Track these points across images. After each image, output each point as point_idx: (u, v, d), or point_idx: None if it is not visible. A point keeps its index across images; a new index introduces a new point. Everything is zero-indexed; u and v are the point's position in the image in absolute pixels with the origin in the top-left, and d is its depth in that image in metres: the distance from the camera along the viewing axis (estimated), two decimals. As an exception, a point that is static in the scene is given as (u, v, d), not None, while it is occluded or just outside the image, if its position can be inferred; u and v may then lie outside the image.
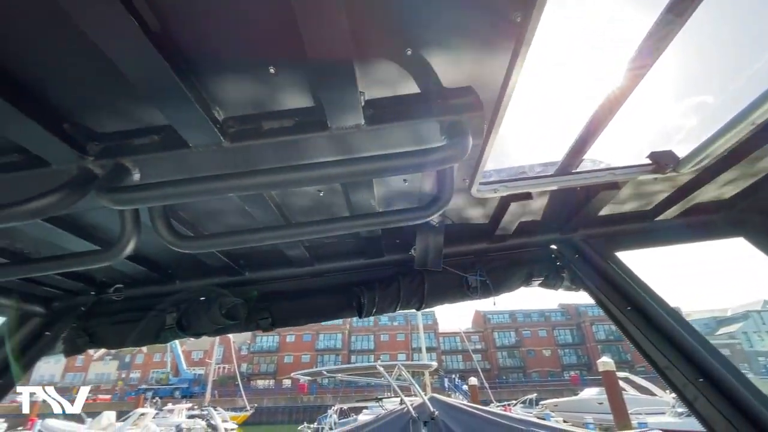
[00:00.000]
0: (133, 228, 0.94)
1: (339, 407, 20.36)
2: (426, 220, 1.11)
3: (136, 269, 1.37)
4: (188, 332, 1.47)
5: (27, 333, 1.45)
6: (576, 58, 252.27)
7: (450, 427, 6.87)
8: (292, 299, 1.55)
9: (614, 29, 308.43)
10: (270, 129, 0.90)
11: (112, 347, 1.55)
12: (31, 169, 0.83)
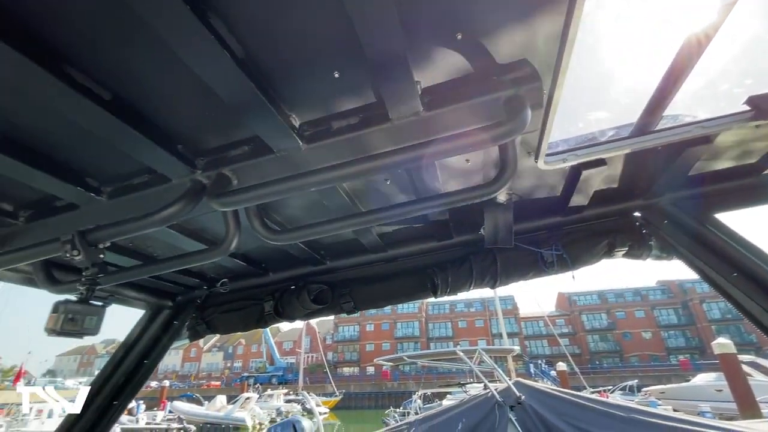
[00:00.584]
0: (235, 227, 1.12)
1: (423, 393, 20.76)
2: (492, 196, 1.12)
3: (237, 264, 1.60)
4: (284, 317, 1.67)
5: (160, 323, 1.77)
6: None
7: (538, 412, 6.63)
8: (370, 283, 1.67)
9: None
10: (339, 128, 0.99)
11: (223, 332, 1.83)
12: (158, 185, 1.03)
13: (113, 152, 0.95)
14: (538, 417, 6.71)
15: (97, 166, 1.00)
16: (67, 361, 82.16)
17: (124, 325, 3.93)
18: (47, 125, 0.85)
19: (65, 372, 71.44)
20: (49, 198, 1.06)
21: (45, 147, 0.90)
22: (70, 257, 0.96)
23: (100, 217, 1.05)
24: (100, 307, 1.10)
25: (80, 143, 0.91)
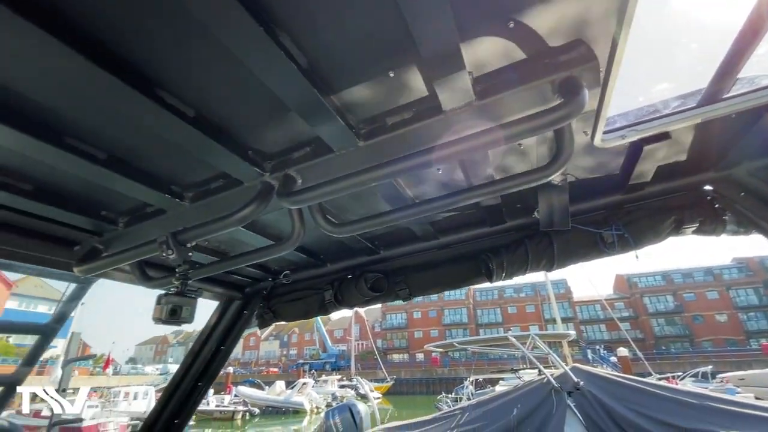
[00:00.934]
0: (299, 222, 1.21)
1: (474, 378, 20.67)
2: (547, 180, 1.11)
3: (297, 257, 1.71)
4: (343, 305, 1.77)
5: (232, 312, 1.94)
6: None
7: (598, 398, 6.38)
8: (424, 270, 1.71)
9: None
10: (393, 123, 1.03)
11: (288, 320, 1.97)
12: (232, 188, 1.14)
13: (193, 161, 1.06)
14: (599, 403, 6.46)
15: (180, 174, 1.12)
16: (144, 349, 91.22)
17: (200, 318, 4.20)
18: (141, 141, 0.97)
19: (144, 359, 79.38)
20: (141, 205, 1.21)
21: (139, 160, 1.03)
22: (165, 256, 1.10)
23: (184, 220, 1.18)
24: (192, 298, 1.25)
25: (166, 155, 1.04)
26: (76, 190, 1.11)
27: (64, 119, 0.86)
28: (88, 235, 1.26)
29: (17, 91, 0.78)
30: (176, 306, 1.20)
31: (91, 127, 0.90)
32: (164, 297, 1.19)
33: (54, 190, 1.09)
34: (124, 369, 45.65)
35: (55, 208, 1.10)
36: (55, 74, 0.74)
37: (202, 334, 1.95)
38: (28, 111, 0.82)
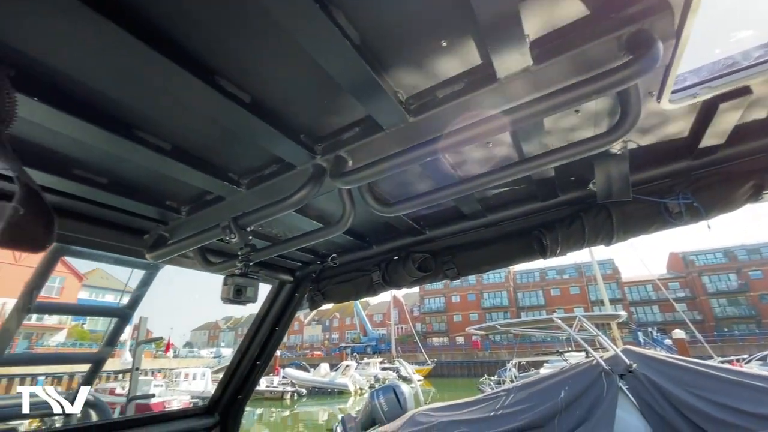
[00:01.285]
0: (350, 204, 1.22)
1: (517, 361, 20.40)
2: (607, 148, 1.04)
3: (345, 239, 1.74)
4: (391, 285, 1.78)
5: (285, 295, 2.02)
6: None
7: (654, 380, 6.10)
8: (473, 249, 1.67)
9: None
10: (444, 96, 0.99)
11: (338, 301, 2.02)
12: (285, 173, 1.17)
13: (248, 148, 1.10)
14: (654, 386, 6.18)
15: (236, 162, 1.16)
16: (199, 335, 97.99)
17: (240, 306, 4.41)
18: (201, 131, 1.01)
19: (198, 344, 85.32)
20: (202, 193, 1.27)
21: (199, 150, 1.08)
22: (228, 239, 1.16)
23: (241, 206, 1.22)
24: (255, 279, 1.31)
25: (224, 143, 1.08)
26: (144, 181, 1.18)
27: (134, 112, 0.91)
28: (155, 224, 1.34)
29: (93, 87, 0.83)
30: (241, 286, 1.27)
31: (158, 119, 0.95)
32: (230, 278, 1.26)
33: (126, 183, 1.17)
34: (182, 352, 49.40)
35: (127, 200, 1.18)
36: (124, 66, 0.77)
37: (257, 317, 2.05)
38: (102, 106, 0.88)
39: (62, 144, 0.97)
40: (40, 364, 4.03)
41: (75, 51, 0.74)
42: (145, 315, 4.99)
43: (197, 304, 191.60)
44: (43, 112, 0.79)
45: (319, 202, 1.41)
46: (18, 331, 1.55)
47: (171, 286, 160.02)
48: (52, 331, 34.96)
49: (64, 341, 33.82)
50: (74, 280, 39.91)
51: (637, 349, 6.96)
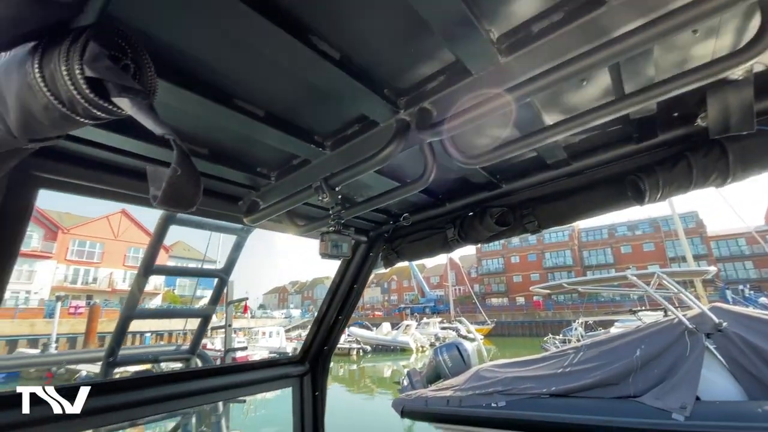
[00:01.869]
0: (431, 159, 1.20)
1: (583, 321, 19.74)
2: (727, 74, 0.89)
3: (418, 197, 1.74)
4: (467, 241, 1.77)
5: (360, 255, 2.11)
6: None
7: (748, 340, 5.61)
8: (555, 200, 1.58)
9: None
10: (541, 30, 0.90)
11: (412, 259, 2.07)
12: (368, 131, 1.17)
13: (333, 108, 1.12)
14: (748, 345, 5.71)
15: (320, 124, 1.20)
16: (270, 298, 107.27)
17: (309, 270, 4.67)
18: (291, 94, 1.04)
19: (270, 306, 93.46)
20: (289, 158, 1.34)
21: (287, 114, 1.12)
22: (320, 199, 1.22)
23: (327, 168, 1.27)
24: (347, 235, 1.38)
25: (310, 105, 1.10)
26: (238, 149, 1.27)
27: (231, 79, 0.96)
28: (248, 190, 1.45)
29: (195, 55, 0.87)
30: (336, 242, 1.35)
31: (252, 84, 0.99)
32: (326, 235, 1.35)
33: (222, 152, 1.26)
34: (257, 314, 54.59)
35: (224, 168, 1.28)
36: (224, 31, 0.78)
37: (336, 276, 2.18)
38: (203, 75, 0.93)
39: (169, 116, 1.05)
40: (167, 317, 4.88)
41: (179, 20, 0.77)
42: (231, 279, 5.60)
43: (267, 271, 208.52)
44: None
45: (397, 160, 1.40)
46: (142, 293, 1.80)
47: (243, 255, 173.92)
48: (151, 296, 40.43)
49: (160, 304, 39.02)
50: (162, 253, 45.41)
51: (727, 306, 6.38)
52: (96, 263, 40.94)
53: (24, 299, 34.04)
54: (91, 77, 0.49)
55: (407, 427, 8.93)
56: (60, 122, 0.54)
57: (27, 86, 0.51)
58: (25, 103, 0.52)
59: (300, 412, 2.11)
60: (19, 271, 35.16)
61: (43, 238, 38.18)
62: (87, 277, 40.08)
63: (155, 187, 0.59)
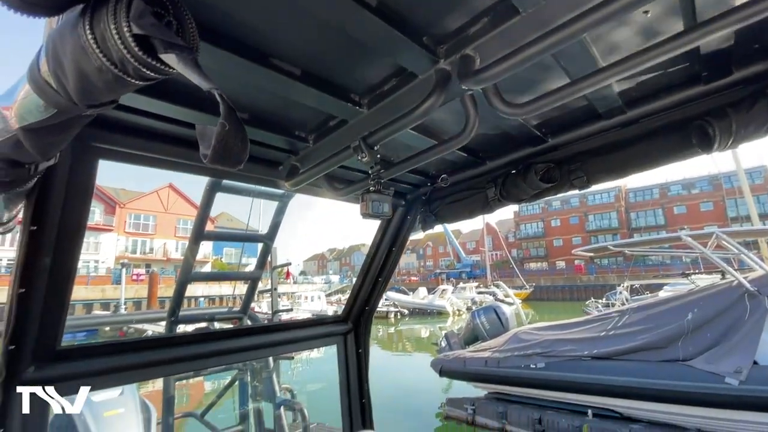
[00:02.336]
0: (474, 111, 1.13)
1: (629, 285, 18.99)
2: None
3: (457, 157, 1.68)
4: (509, 200, 1.69)
5: (398, 218, 2.11)
6: None
7: (822, 304, 5.19)
8: (607, 153, 1.46)
9: None
10: None
11: (451, 221, 2.03)
12: (407, 85, 1.12)
13: (369, 61, 1.07)
14: (821, 309, 5.30)
15: (357, 81, 1.15)
16: (310, 264, 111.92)
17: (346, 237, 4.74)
18: (326, 47, 1.00)
19: (310, 272, 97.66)
20: (326, 119, 1.32)
21: (323, 71, 1.09)
22: (359, 159, 1.21)
23: (364, 127, 1.23)
24: (387, 195, 1.38)
25: (345, 59, 1.06)
26: (276, 112, 1.27)
27: (266, 37, 0.94)
28: (287, 154, 1.46)
29: (231, 14, 0.86)
30: (376, 202, 1.34)
31: (286, 41, 0.96)
32: (366, 195, 1.34)
33: (262, 116, 1.26)
34: (299, 279, 57.38)
35: (264, 132, 1.29)
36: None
37: (374, 240, 2.20)
38: (240, 34, 0.91)
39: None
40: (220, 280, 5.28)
41: None
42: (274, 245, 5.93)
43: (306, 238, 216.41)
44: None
45: (436, 116, 1.33)
46: (195, 258, 1.92)
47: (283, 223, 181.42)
48: (201, 263, 43.50)
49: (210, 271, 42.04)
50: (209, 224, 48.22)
51: (799, 268, 5.90)
52: (151, 234, 44.43)
53: (94, 268, 37.88)
54: (138, 35, 0.49)
55: (446, 386, 9.26)
56: (113, 85, 0.55)
57: (81, 49, 0.51)
58: (81, 67, 0.54)
59: (345, 368, 2.23)
60: (87, 243, 38.95)
61: (104, 213, 41.75)
62: (144, 247, 43.77)
63: (205, 146, 0.60)
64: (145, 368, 1.50)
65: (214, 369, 3.22)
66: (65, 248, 1.16)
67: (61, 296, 1.20)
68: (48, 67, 0.57)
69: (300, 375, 12.91)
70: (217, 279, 2.86)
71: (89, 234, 39.62)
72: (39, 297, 1.15)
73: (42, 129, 0.67)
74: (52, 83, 0.58)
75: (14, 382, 1.19)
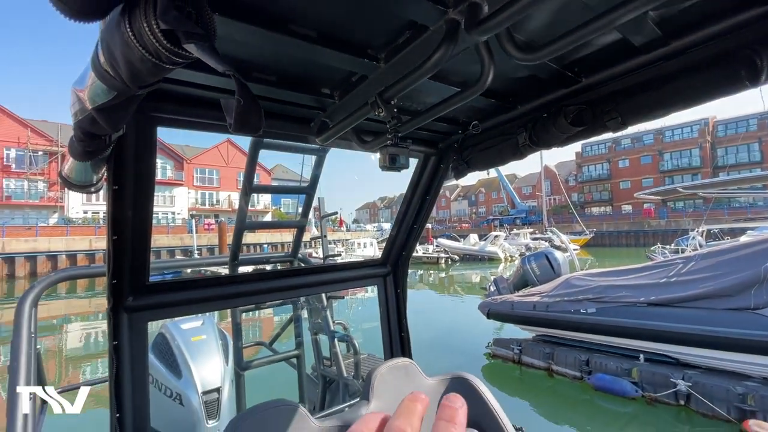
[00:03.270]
0: (489, 58, 1.11)
1: (705, 229, 17.33)
2: None
3: (486, 103, 1.64)
4: (540, 146, 1.64)
5: (430, 167, 2.14)
6: None
7: None
8: (644, 91, 1.34)
9: None
10: None
11: (483, 169, 2.02)
12: (419, 38, 1.12)
13: (380, 19, 1.08)
14: None
15: (372, 36, 1.17)
16: (362, 213, 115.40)
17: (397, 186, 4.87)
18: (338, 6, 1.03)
19: (363, 220, 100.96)
20: (348, 75, 1.36)
21: (339, 31, 1.13)
22: (377, 114, 1.26)
23: (383, 81, 1.26)
24: (404, 148, 1.44)
25: (358, 19, 1.08)
26: (302, 73, 1.33)
27: (281, 4, 0.99)
28: (316, 111, 1.54)
29: None
30: (393, 155, 1.41)
31: (301, 6, 1.01)
32: (384, 149, 1.41)
33: (289, 77, 1.34)
34: (352, 227, 59.82)
35: (293, 92, 1.37)
36: None
37: (408, 188, 2.28)
38: (259, 6, 0.97)
39: (235, 49, 1.14)
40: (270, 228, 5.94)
41: None
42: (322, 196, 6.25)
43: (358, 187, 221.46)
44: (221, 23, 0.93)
45: (456, 64, 1.32)
46: (248, 209, 2.15)
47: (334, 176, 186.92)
48: (262, 213, 46.81)
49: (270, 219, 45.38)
50: (266, 176, 51.02)
51: None
52: (216, 187, 48.31)
53: (171, 219, 42.56)
54: (165, 29, 0.59)
55: (497, 328, 9.56)
56: (154, 70, 0.66)
57: (125, 44, 0.62)
58: (128, 58, 0.65)
59: (386, 306, 2.45)
60: (163, 197, 43.58)
61: (174, 168, 45.79)
62: (211, 199, 47.92)
63: (229, 117, 0.71)
64: (215, 300, 1.81)
65: (271, 303, 3.66)
66: (141, 201, 1.39)
67: (144, 240, 1.47)
68: (105, 58, 0.70)
69: (355, 314, 13.99)
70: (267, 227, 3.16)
71: (164, 188, 44.06)
72: (127, 241, 1.42)
73: (108, 108, 0.82)
74: (110, 71, 0.71)
75: (119, 308, 1.52)
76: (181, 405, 2.83)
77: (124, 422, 1.46)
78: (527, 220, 56.79)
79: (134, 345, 1.53)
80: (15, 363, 1.51)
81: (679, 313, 5.84)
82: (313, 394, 4.20)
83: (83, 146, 1.04)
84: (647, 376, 5.79)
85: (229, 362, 3.11)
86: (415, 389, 0.26)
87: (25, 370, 1.51)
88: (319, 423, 1.47)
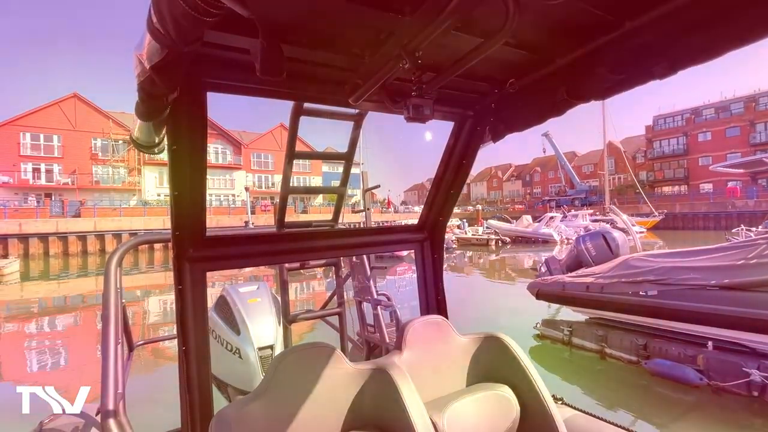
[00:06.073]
0: (514, 5, 1.08)
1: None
2: None
3: (521, 58, 1.58)
4: (580, 100, 1.55)
5: (467, 130, 2.12)
6: None
7: None
8: (694, 30, 1.21)
9: None
10: None
11: (521, 129, 1.95)
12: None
13: None
14: None
15: None
16: (410, 195, 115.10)
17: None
18: None
19: (411, 202, 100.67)
20: (375, 32, 1.39)
21: None
22: (402, 66, 1.29)
23: (405, 35, 1.28)
24: (429, 100, 1.45)
25: None
26: (333, 33, 1.38)
27: None
28: (348, 72, 1.60)
29: None
30: (417, 105, 1.43)
31: None
32: (408, 100, 1.44)
33: (321, 39, 1.40)
34: (400, 209, 60.00)
35: (326, 54, 1.43)
36: None
37: (444, 153, 2.28)
38: None
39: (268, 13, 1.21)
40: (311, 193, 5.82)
41: None
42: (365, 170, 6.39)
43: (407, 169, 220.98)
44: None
45: (481, 15, 1.29)
46: (291, 174, 2.30)
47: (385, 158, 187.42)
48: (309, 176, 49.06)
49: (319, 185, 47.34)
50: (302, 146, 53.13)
51: None
52: (271, 171, 50.72)
53: (232, 200, 45.63)
54: None
55: (548, 311, 9.27)
56: (194, 23, 0.77)
57: (172, 2, 0.73)
58: (174, 15, 0.76)
59: (422, 270, 2.51)
60: (224, 180, 46.72)
61: (233, 153, 48.73)
62: (267, 182, 50.52)
63: (256, 61, 0.81)
64: (264, 256, 2.01)
65: (315, 263, 3.93)
66: (195, 162, 1.56)
67: (200, 197, 1.64)
68: (156, 18, 0.82)
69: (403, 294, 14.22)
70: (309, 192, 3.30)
71: (224, 172, 47.17)
72: (186, 197, 1.60)
73: (163, 67, 0.95)
74: (161, 29, 0.83)
75: (182, 258, 1.73)
76: (239, 358, 3.16)
77: (189, 353, 1.69)
78: (587, 200, 53.09)
79: (195, 290, 1.75)
80: (106, 311, 1.79)
81: (757, 297, 5.26)
82: (359, 358, 4.44)
83: (145, 106, 1.20)
84: (715, 364, 5.34)
85: (281, 322, 3.40)
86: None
87: (113, 319, 1.78)
88: (353, 365, 1.59)
